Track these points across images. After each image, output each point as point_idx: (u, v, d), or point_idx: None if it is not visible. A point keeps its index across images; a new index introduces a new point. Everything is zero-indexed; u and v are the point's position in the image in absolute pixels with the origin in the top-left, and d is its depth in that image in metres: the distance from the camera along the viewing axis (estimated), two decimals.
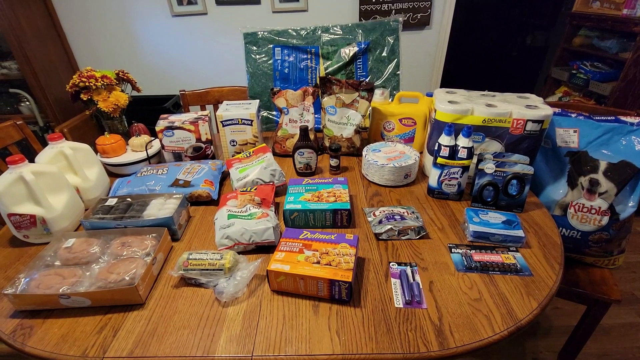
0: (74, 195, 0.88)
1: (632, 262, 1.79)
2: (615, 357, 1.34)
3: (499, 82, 3.66)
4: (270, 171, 0.96)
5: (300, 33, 1.35)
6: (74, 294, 0.63)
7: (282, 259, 0.66)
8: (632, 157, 0.96)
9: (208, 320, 0.62)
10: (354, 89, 1.10)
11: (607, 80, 1.77)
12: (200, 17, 2.11)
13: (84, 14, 2.09)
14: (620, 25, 1.67)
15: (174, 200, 0.86)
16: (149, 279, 0.68)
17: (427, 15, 2.13)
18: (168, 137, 1.10)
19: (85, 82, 1.07)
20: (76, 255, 0.72)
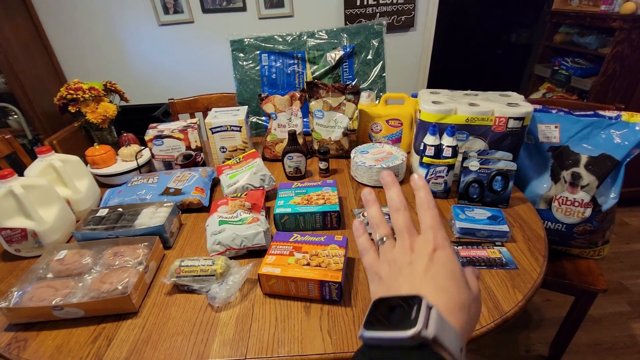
0: (65, 208, 0.89)
1: (619, 252, 1.83)
2: (606, 346, 1.37)
3: (485, 80, 3.71)
4: (260, 176, 0.97)
5: (286, 39, 1.37)
6: (66, 305, 0.63)
7: (272, 263, 0.67)
8: (612, 150, 0.99)
9: (201, 325, 0.63)
10: (340, 93, 1.12)
11: (588, 76, 1.82)
12: (187, 25, 2.12)
13: (71, 26, 2.09)
14: (598, 22, 1.72)
15: (165, 208, 0.87)
16: (142, 287, 0.69)
17: (411, 17, 2.17)
18: (158, 146, 1.10)
19: (73, 94, 1.08)
20: (68, 266, 0.72)
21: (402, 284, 0.29)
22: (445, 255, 0.29)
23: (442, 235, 0.31)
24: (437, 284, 0.27)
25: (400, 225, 0.33)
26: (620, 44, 1.62)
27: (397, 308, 0.25)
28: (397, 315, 0.24)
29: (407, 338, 0.22)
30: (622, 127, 0.99)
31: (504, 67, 3.52)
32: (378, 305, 0.27)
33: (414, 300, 0.24)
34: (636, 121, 0.98)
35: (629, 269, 1.72)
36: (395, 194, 0.34)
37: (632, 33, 1.59)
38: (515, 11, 3.45)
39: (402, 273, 0.30)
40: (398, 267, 0.31)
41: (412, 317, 0.23)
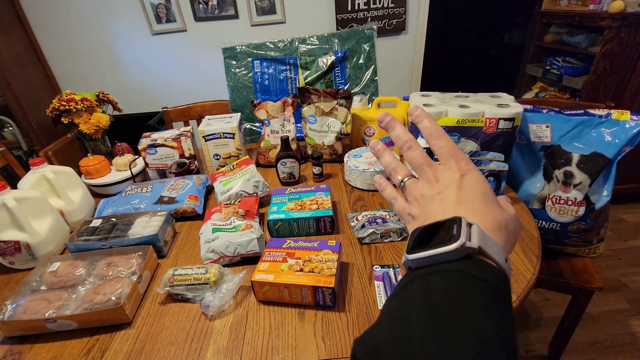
0: (58, 219, 0.89)
1: (617, 249, 1.83)
2: (605, 344, 1.37)
3: (480, 80, 3.74)
4: (254, 182, 0.97)
5: (278, 45, 1.38)
6: (59, 317, 0.63)
7: (266, 269, 0.67)
8: (603, 148, 1.00)
9: (195, 334, 0.63)
10: (332, 97, 1.13)
11: (579, 75, 1.83)
12: (179, 34, 2.13)
13: (64, 37, 2.10)
14: (588, 21, 1.74)
15: (159, 217, 0.87)
16: (136, 297, 0.69)
17: (402, 20, 2.19)
18: (151, 155, 1.10)
19: (66, 106, 1.08)
20: (61, 278, 0.72)
21: (436, 213, 0.28)
22: (474, 178, 0.29)
23: (465, 159, 0.30)
24: (472, 207, 0.27)
25: (418, 160, 0.32)
26: (610, 43, 1.64)
27: (438, 231, 0.25)
28: (438, 237, 0.25)
29: (452, 251, 0.22)
30: (612, 125, 1.00)
31: (498, 67, 3.54)
32: (419, 233, 0.27)
33: (453, 221, 0.25)
34: (626, 119, 0.98)
35: (627, 266, 1.73)
36: (401, 132, 0.33)
37: (621, 31, 1.61)
38: (506, 11, 3.48)
39: (434, 203, 0.29)
40: (427, 200, 0.30)
41: (454, 233, 0.23)
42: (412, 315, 0.21)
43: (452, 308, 0.20)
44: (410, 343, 0.19)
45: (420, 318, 0.20)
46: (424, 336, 0.19)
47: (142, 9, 2.04)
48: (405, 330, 0.21)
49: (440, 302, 0.21)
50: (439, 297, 0.21)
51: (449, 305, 0.20)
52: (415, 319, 0.21)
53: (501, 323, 0.20)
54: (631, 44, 1.64)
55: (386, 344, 0.21)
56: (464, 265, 0.22)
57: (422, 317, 0.20)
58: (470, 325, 0.19)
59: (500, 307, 0.21)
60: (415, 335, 0.20)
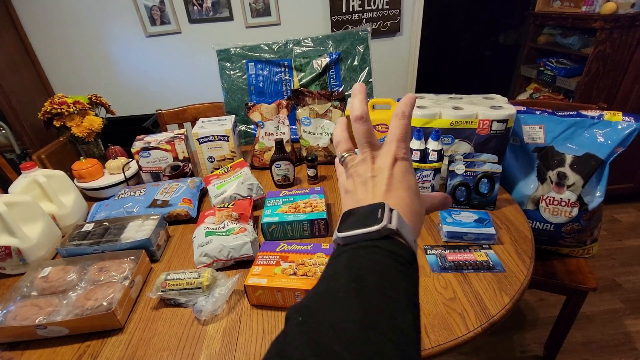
0: (50, 223, 0.88)
1: (611, 248, 1.85)
2: (600, 344, 1.38)
3: (475, 81, 3.75)
4: (248, 185, 0.97)
5: (272, 47, 1.38)
6: (50, 323, 0.62)
7: (259, 273, 0.67)
8: (595, 149, 1.01)
9: (188, 340, 0.62)
10: (326, 100, 1.13)
11: (572, 76, 1.84)
12: (174, 36, 2.13)
13: (58, 40, 2.08)
14: (580, 22, 1.75)
15: (152, 221, 0.86)
16: (128, 302, 0.68)
17: (397, 22, 2.19)
18: (145, 158, 1.10)
19: (57, 109, 1.07)
20: (52, 284, 0.71)
21: (366, 197, 0.31)
22: (404, 167, 0.32)
23: (404, 147, 0.32)
24: (397, 195, 0.31)
25: (360, 137, 0.33)
26: (602, 44, 1.65)
27: (364, 214, 0.29)
28: (364, 218, 0.28)
29: (375, 231, 0.26)
30: (604, 127, 1.00)
31: (493, 68, 3.56)
32: (348, 215, 0.30)
33: (378, 206, 0.28)
34: (618, 120, 0.99)
35: (621, 265, 1.74)
36: (357, 102, 0.33)
37: (613, 33, 1.62)
38: (501, 13, 3.50)
39: (367, 186, 0.32)
40: (362, 180, 0.32)
41: (378, 216, 0.27)
42: (338, 276, 0.25)
43: (372, 272, 0.24)
44: (334, 296, 0.23)
45: (345, 278, 0.24)
46: (348, 292, 0.23)
47: (136, 10, 2.03)
48: (331, 287, 0.24)
49: (363, 267, 0.25)
50: (362, 264, 0.25)
51: (370, 270, 0.24)
52: (342, 278, 0.24)
53: (409, 283, 0.25)
54: (623, 45, 1.66)
55: (313, 301, 0.24)
56: (384, 243, 0.26)
57: (347, 277, 0.24)
58: (386, 283, 0.23)
59: (409, 272, 0.25)
60: (340, 291, 0.23)
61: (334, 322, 0.21)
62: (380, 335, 0.20)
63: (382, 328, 0.20)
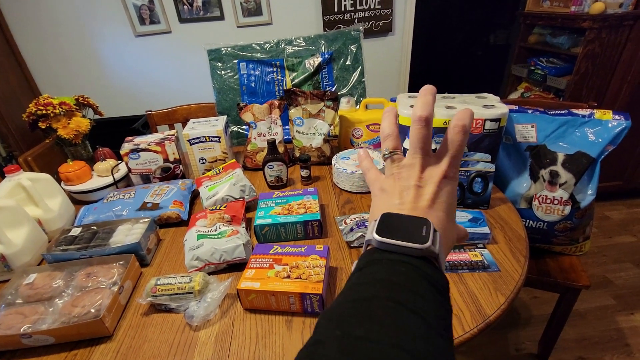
0: (35, 228, 0.85)
1: (603, 245, 1.87)
2: (593, 340, 1.39)
3: (467, 81, 3.78)
4: (240, 187, 0.95)
5: (264, 47, 1.36)
6: (35, 332, 0.60)
7: (252, 277, 0.66)
8: (587, 147, 1.01)
9: (179, 346, 0.60)
10: (319, 99, 1.11)
11: (562, 75, 1.86)
12: (164, 35, 2.09)
13: (45, 40, 2.04)
14: (569, 22, 1.77)
15: (141, 224, 0.84)
16: (117, 309, 0.66)
17: (389, 22, 2.19)
18: (134, 159, 1.08)
19: (43, 110, 1.04)
20: (38, 291, 0.69)
21: (407, 206, 0.30)
22: (451, 187, 0.31)
23: (455, 165, 0.31)
24: (438, 215, 0.30)
25: (416, 141, 0.31)
26: (591, 43, 1.67)
27: (407, 224, 0.28)
28: (407, 229, 0.27)
29: (418, 249, 0.26)
30: (595, 125, 1.01)
31: (484, 68, 3.59)
32: (388, 219, 0.29)
33: (423, 222, 0.28)
34: (608, 118, 1.00)
35: (612, 262, 1.76)
36: (425, 102, 0.31)
37: (601, 32, 1.64)
38: (492, 13, 3.53)
39: (409, 194, 0.30)
40: (405, 185, 0.31)
41: (423, 234, 0.27)
42: (375, 289, 0.24)
43: (411, 293, 0.24)
44: (371, 311, 0.23)
45: (383, 293, 0.24)
46: (386, 311, 0.23)
47: (124, 10, 2.00)
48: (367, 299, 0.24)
49: (402, 287, 0.24)
50: (401, 283, 0.25)
51: (409, 291, 0.24)
52: (379, 293, 0.24)
53: (446, 313, 0.25)
54: (612, 44, 1.68)
55: (348, 311, 0.24)
56: (423, 265, 0.26)
57: (385, 293, 0.24)
58: (425, 309, 0.23)
59: (445, 302, 0.26)
60: (378, 308, 0.23)
61: (373, 342, 0.21)
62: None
63: (421, 355, 0.20)
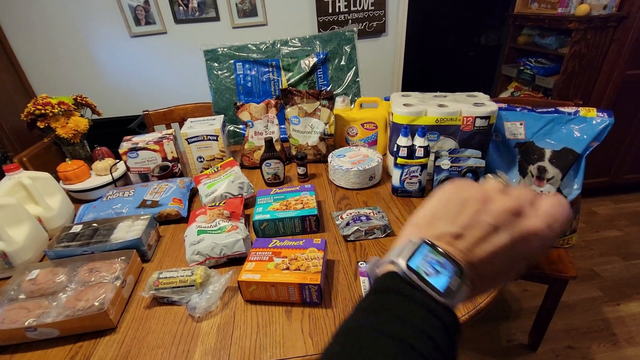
0: (36, 226, 0.86)
1: (590, 239, 1.92)
2: (581, 330, 1.43)
3: (459, 81, 3.84)
4: (238, 184, 0.97)
5: (260, 47, 1.39)
6: (40, 325, 0.61)
7: (252, 269, 0.68)
8: (572, 143, 1.05)
9: (182, 336, 0.62)
10: (314, 99, 1.14)
11: (550, 74, 1.91)
12: (160, 36, 2.10)
13: (39, 41, 2.03)
14: (556, 23, 1.82)
15: (142, 221, 0.86)
16: (120, 302, 0.68)
17: (382, 23, 2.23)
18: (132, 158, 1.09)
19: (42, 110, 1.05)
20: (41, 286, 0.70)
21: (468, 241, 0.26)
22: (526, 248, 0.27)
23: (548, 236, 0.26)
24: (492, 270, 0.26)
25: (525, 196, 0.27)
26: (578, 44, 1.72)
27: (441, 267, 0.25)
28: (436, 272, 0.24)
29: (436, 300, 0.24)
30: (580, 122, 1.05)
31: (476, 68, 3.65)
32: (425, 249, 0.26)
33: (461, 275, 0.25)
34: (593, 116, 1.04)
35: (599, 255, 1.81)
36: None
37: (587, 33, 1.69)
38: (483, 14, 3.59)
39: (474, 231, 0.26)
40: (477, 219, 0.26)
41: (451, 288, 0.24)
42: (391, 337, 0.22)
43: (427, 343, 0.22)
44: None
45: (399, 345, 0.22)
46: None
47: (120, 10, 2.00)
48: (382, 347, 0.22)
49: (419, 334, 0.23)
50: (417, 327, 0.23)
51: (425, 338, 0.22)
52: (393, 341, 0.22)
53: None
54: (597, 45, 1.73)
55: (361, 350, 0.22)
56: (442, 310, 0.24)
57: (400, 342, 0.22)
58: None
59: (455, 350, 0.24)
60: None
61: None
62: None
63: None
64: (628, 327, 1.44)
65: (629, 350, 1.35)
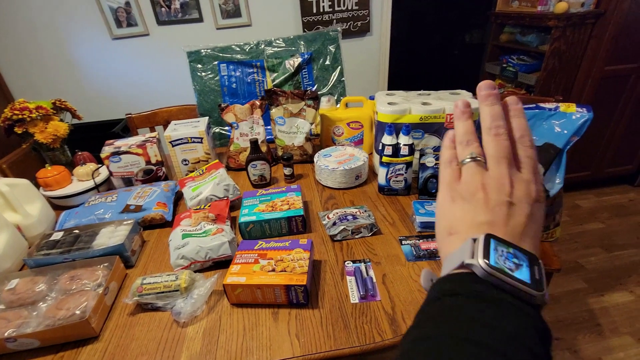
0: (15, 234, 0.84)
1: (574, 232, 1.96)
2: (567, 322, 1.46)
3: (445, 79, 3.88)
4: (224, 186, 0.96)
5: (244, 48, 1.38)
6: (20, 336, 0.60)
7: (237, 272, 0.67)
8: (554, 139, 1.07)
9: (167, 343, 0.61)
10: (299, 99, 1.14)
11: (532, 71, 1.95)
12: (142, 38, 2.07)
13: (16, 43, 1.98)
14: (537, 21, 1.85)
15: (125, 226, 0.84)
16: (102, 310, 0.67)
17: (367, 22, 2.24)
18: (115, 163, 1.07)
19: (19, 115, 1.02)
20: (20, 296, 0.68)
21: (499, 227, 0.26)
22: (541, 213, 0.27)
23: (542, 186, 0.28)
24: (529, 242, 0.26)
25: (500, 152, 0.27)
26: (557, 41, 1.76)
27: (517, 259, 0.24)
28: (517, 266, 0.23)
29: (534, 296, 0.22)
30: (560, 117, 1.07)
31: (461, 66, 3.69)
32: (492, 243, 0.24)
33: (534, 260, 0.24)
34: (572, 111, 1.06)
35: (583, 248, 1.85)
36: (497, 112, 0.28)
37: (566, 30, 1.73)
38: (466, 13, 3.64)
39: (501, 212, 0.26)
40: (496, 199, 0.26)
41: (537, 277, 0.23)
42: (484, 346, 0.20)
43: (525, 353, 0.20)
44: None
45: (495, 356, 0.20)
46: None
47: (100, 12, 1.96)
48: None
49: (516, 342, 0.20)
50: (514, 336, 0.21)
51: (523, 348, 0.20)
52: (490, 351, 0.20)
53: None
54: (576, 41, 1.77)
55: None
56: (532, 312, 0.22)
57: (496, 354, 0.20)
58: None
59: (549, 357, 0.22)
60: None
61: None
62: None
63: None
64: (612, 317, 1.47)
65: (614, 340, 1.39)
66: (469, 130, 0.30)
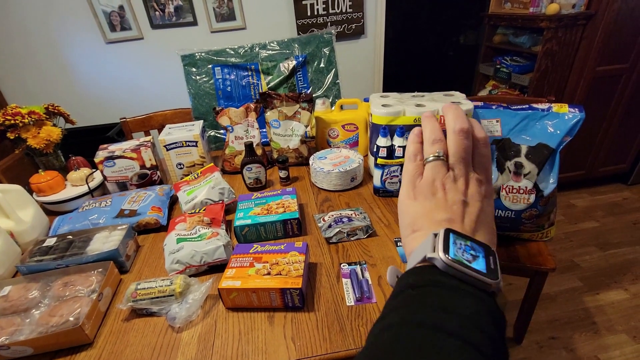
0: (8, 240, 0.83)
1: (569, 231, 1.98)
2: (562, 321, 1.47)
3: (439, 80, 3.90)
4: (219, 190, 0.96)
5: (238, 51, 1.38)
6: (13, 343, 0.59)
7: (232, 276, 0.67)
8: (547, 139, 1.08)
9: (162, 348, 0.61)
10: (294, 102, 1.14)
11: (525, 72, 1.97)
12: (136, 42, 2.07)
13: (9, 47, 1.97)
14: (529, 22, 1.87)
15: (119, 231, 0.84)
16: (96, 316, 0.66)
17: (361, 25, 2.25)
18: (109, 167, 1.06)
19: (11, 120, 1.01)
20: (13, 303, 0.68)
21: (456, 223, 0.28)
22: (491, 207, 0.30)
23: (491, 183, 0.31)
24: (486, 235, 0.29)
25: (462, 151, 0.30)
26: (549, 42, 1.77)
27: (474, 251, 0.26)
28: (474, 257, 0.25)
29: (489, 284, 0.24)
30: (553, 118, 1.08)
31: (455, 67, 3.72)
32: (452, 237, 0.26)
33: (490, 251, 0.26)
34: (565, 111, 1.07)
35: (578, 247, 1.86)
36: (461, 114, 0.31)
37: (558, 31, 1.75)
38: (460, 14, 3.67)
39: (456, 209, 0.29)
40: (452, 200, 0.29)
41: (492, 267, 0.25)
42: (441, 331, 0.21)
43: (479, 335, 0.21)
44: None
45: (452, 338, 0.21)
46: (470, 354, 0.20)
47: (93, 16, 1.96)
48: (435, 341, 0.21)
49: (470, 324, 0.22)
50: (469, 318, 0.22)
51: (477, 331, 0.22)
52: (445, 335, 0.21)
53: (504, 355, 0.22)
54: (568, 42, 1.79)
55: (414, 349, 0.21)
56: (487, 298, 0.24)
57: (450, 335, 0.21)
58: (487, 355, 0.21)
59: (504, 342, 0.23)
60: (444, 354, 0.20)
61: None
62: None
63: None
64: (608, 316, 1.48)
65: (609, 338, 1.39)
66: (436, 128, 0.33)
